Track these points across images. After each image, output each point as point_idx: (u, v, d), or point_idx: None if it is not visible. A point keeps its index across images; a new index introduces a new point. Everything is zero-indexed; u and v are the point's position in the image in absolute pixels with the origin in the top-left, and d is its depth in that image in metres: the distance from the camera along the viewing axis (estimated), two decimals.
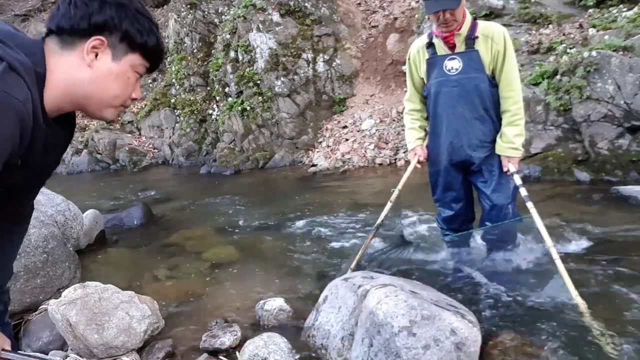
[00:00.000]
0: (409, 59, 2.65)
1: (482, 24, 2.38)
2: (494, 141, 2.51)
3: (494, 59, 2.36)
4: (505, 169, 2.47)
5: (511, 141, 2.41)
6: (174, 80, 10.33)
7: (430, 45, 2.49)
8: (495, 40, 2.32)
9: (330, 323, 2.02)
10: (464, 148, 2.54)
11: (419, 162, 2.72)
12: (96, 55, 0.93)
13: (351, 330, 1.92)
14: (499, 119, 2.48)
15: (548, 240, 2.30)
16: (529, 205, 2.39)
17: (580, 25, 5.49)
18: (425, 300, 1.84)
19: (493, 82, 2.41)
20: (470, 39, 2.34)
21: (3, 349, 1.14)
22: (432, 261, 3.00)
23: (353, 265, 2.78)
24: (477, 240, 2.96)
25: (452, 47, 2.41)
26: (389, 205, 2.80)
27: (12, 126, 0.81)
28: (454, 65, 2.41)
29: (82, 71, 0.93)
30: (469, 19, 2.37)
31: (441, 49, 2.45)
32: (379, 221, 2.83)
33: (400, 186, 2.79)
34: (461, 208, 2.76)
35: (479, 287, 2.59)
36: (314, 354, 2.05)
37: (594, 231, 3.25)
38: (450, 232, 2.89)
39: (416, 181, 4.81)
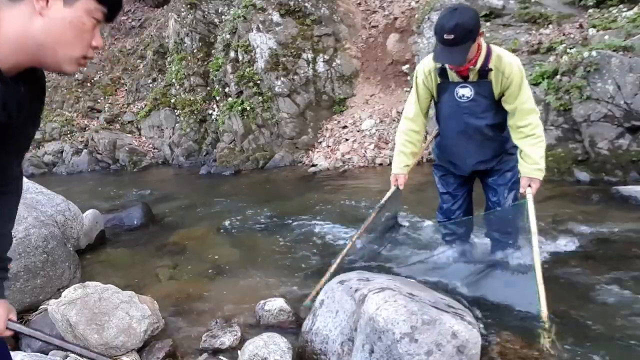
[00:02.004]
0: (416, 78, 2.57)
1: (495, 54, 2.31)
2: (502, 152, 2.53)
3: (503, 89, 2.34)
4: (523, 190, 2.41)
5: (537, 162, 2.33)
6: (174, 80, 10.33)
7: (442, 70, 2.42)
8: (505, 75, 2.29)
9: (329, 328, 2.01)
10: (471, 164, 2.59)
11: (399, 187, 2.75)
12: (47, 3, 0.88)
13: (350, 335, 1.91)
14: (506, 131, 2.48)
15: (535, 241, 2.25)
16: (529, 197, 2.35)
17: (580, 25, 5.48)
18: (424, 303, 1.83)
19: (498, 109, 2.40)
20: (484, 70, 2.31)
21: (9, 319, 1.13)
22: (431, 261, 3.00)
23: (355, 238, 2.78)
24: (477, 239, 2.97)
25: (464, 76, 2.38)
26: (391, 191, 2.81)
27: None
28: (465, 93, 2.39)
29: (34, 21, 0.88)
30: (484, 50, 2.29)
31: (453, 76, 2.41)
32: (382, 202, 2.79)
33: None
34: (460, 206, 2.78)
35: (479, 287, 2.58)
36: (312, 358, 2.04)
37: (594, 231, 3.25)
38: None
39: (416, 181, 4.81)
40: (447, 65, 2.37)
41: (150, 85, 11.43)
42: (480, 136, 2.47)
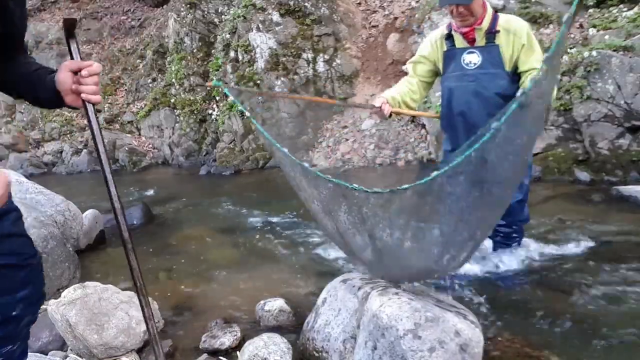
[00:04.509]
0: (421, 54, 2.53)
1: (503, 18, 2.30)
2: None
3: (516, 52, 2.27)
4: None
5: None
6: (173, 80, 10.32)
7: (449, 37, 2.40)
8: (517, 35, 2.25)
9: (331, 326, 2.01)
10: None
11: (380, 109, 2.45)
12: None
13: (352, 333, 1.91)
14: None
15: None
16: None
17: (581, 25, 5.48)
18: (427, 301, 1.83)
19: (513, 79, 2.32)
20: (491, 33, 2.26)
21: None
22: None
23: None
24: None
25: (471, 41, 2.33)
26: None
27: None
28: (472, 59, 2.32)
29: None
30: (490, 12, 2.28)
31: (460, 42, 2.36)
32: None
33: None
34: None
35: (479, 287, 2.58)
36: (314, 355, 2.04)
37: (594, 231, 3.25)
38: None
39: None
40: (453, 30, 2.35)
41: (150, 85, 11.42)
42: (486, 109, 2.29)
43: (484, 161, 1.43)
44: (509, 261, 2.71)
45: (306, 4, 8.47)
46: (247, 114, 2.04)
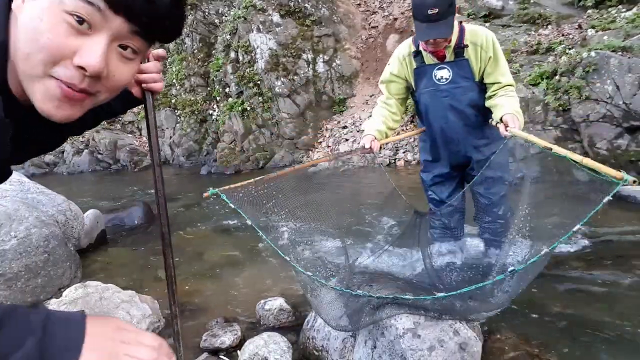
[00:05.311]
0: (392, 73, 2.55)
1: (469, 30, 2.31)
2: (488, 143, 2.51)
3: (483, 64, 2.31)
4: (506, 126, 2.12)
5: (517, 110, 2.16)
6: (174, 80, 10.35)
7: (417, 53, 2.40)
8: (484, 48, 2.28)
9: None
10: (461, 152, 2.56)
11: (371, 149, 2.48)
12: None
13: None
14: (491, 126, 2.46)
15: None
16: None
17: (579, 26, 5.50)
18: None
19: (482, 88, 2.37)
20: (460, 47, 2.29)
21: None
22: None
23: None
24: (475, 238, 2.97)
25: (441, 57, 2.35)
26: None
27: None
28: (443, 74, 2.35)
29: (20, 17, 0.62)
30: (456, 27, 2.28)
31: (429, 59, 2.37)
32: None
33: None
34: (456, 220, 2.78)
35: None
36: (314, 354, 2.06)
37: (593, 231, 3.26)
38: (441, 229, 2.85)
39: (415, 182, 4.82)
40: (421, 48, 2.34)
41: None
42: (462, 121, 2.40)
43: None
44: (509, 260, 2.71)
45: (306, 5, 8.49)
46: (249, 221, 2.00)
